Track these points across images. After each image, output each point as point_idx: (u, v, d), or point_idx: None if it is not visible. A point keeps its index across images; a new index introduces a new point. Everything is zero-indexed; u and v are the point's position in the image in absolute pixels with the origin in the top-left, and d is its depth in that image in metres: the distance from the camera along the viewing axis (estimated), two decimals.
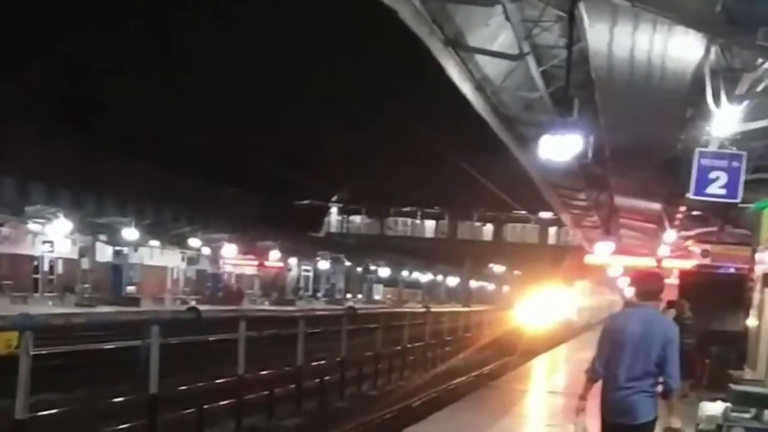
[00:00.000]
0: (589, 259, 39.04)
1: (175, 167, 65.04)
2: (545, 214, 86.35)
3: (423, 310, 38.96)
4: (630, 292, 24.72)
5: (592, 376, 8.93)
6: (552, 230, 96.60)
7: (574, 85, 16.59)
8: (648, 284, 9.13)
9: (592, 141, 16.66)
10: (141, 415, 15.25)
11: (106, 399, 20.18)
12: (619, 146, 21.03)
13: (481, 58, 18.57)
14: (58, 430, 15.50)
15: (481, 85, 19.98)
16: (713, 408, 13.24)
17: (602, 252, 35.69)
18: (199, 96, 68.99)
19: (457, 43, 17.14)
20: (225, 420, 18.02)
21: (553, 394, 21.21)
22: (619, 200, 32.46)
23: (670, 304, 21.15)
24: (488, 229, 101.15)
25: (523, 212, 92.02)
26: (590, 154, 16.39)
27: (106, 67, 62.20)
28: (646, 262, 34.00)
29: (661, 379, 8.68)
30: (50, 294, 53.03)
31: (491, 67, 19.33)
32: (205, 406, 17.39)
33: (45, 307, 43.02)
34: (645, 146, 20.00)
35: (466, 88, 19.65)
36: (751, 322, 20.57)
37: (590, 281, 57.46)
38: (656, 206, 29.10)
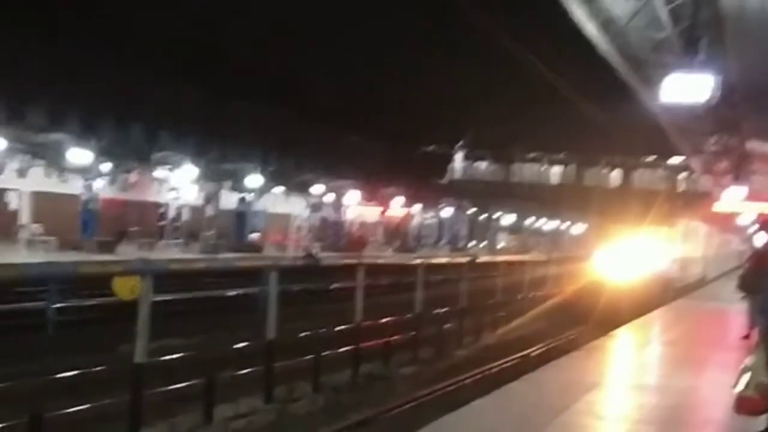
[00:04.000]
0: (718, 206, 37.84)
1: (299, 114, 65.31)
2: (674, 160, 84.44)
3: (545, 258, 38.50)
4: (761, 239, 23.57)
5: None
6: (681, 177, 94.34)
7: (703, 23, 15.98)
8: None
9: (721, 82, 16.00)
10: (260, 361, 15.29)
11: (225, 345, 20.29)
12: (750, 87, 20.30)
13: None
14: (177, 374, 15.57)
15: (606, 24, 19.46)
16: None
17: (732, 198, 34.63)
18: (323, 44, 69.00)
19: None
20: (343, 367, 17.97)
21: (670, 345, 20.57)
22: (751, 145, 31.46)
23: None
24: (615, 175, 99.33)
25: (651, 158, 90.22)
26: (719, 96, 15.75)
27: (232, 14, 62.55)
28: None
29: None
30: (176, 241, 53.96)
31: (617, 6, 18.79)
32: (324, 353, 17.36)
33: (170, 253, 43.71)
34: None
35: (591, 28, 19.18)
36: None
37: (711, 226, 51.90)
38: None
